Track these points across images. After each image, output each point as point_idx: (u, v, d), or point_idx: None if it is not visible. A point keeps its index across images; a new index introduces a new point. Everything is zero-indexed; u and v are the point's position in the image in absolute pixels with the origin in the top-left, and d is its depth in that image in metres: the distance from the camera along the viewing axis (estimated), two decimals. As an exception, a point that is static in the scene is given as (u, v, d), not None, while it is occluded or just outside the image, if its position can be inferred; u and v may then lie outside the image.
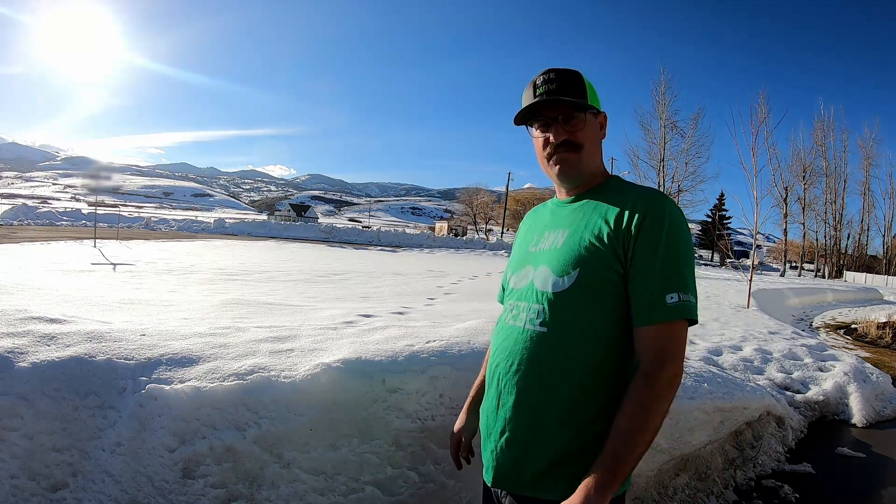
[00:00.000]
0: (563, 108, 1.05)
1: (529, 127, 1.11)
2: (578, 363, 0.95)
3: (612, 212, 0.99)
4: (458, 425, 1.30)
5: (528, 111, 1.06)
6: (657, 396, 0.88)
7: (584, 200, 1.07)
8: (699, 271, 24.19)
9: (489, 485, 1.07)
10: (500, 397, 1.04)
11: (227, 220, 30.71)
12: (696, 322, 0.93)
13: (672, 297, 0.91)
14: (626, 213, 0.97)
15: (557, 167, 1.07)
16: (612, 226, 0.97)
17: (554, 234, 1.07)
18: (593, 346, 0.95)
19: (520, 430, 0.99)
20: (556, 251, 1.02)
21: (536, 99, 1.05)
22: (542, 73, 1.06)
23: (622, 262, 0.95)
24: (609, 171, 1.15)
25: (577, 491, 0.86)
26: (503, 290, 1.22)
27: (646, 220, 0.95)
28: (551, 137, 1.06)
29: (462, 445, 1.31)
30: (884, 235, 40.97)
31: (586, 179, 1.09)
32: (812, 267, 42.04)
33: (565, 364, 0.96)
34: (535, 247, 1.10)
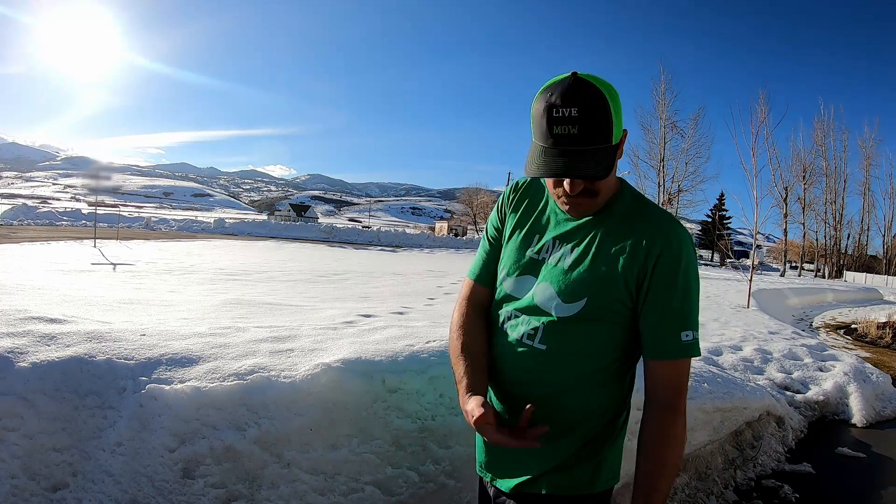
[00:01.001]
0: None
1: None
2: (572, 385, 0.97)
3: (628, 241, 0.94)
4: (479, 401, 0.95)
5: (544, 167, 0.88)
6: (681, 426, 0.94)
7: (597, 217, 0.98)
8: (699, 271, 24.16)
9: (483, 474, 1.10)
10: (499, 402, 1.06)
11: (227, 220, 30.71)
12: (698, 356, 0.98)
13: (687, 336, 0.93)
14: (643, 245, 0.93)
15: (569, 209, 0.98)
16: (626, 257, 0.93)
17: (560, 247, 1.00)
18: (589, 371, 0.97)
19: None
20: (563, 273, 0.96)
21: (552, 148, 0.86)
22: (563, 100, 0.84)
23: (632, 294, 0.94)
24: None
25: None
26: (480, 268, 1.12)
27: (663, 255, 0.92)
28: (566, 186, 0.92)
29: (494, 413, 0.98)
30: (884, 235, 40.99)
31: (594, 204, 0.98)
32: (812, 267, 42.04)
33: (560, 384, 0.97)
34: (536, 254, 1.02)
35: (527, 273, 1.01)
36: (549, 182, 0.99)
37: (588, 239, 0.97)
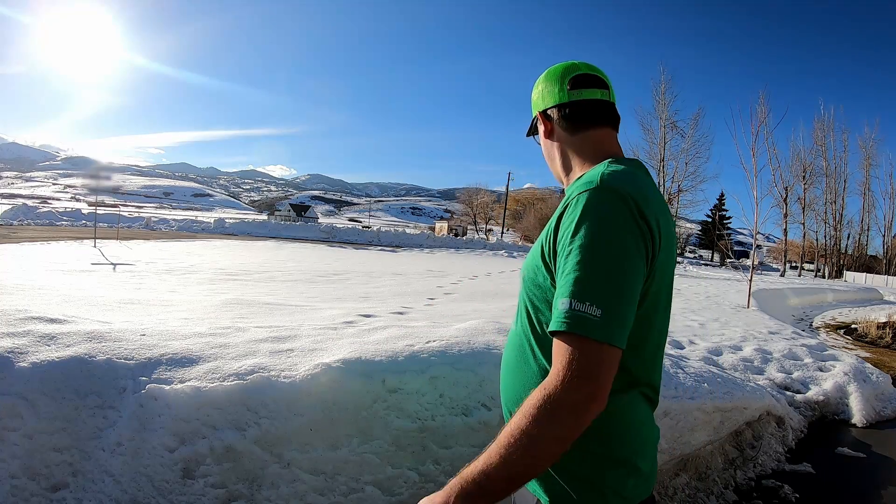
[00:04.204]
0: None
1: None
2: (532, 367, 0.90)
3: (558, 209, 0.89)
4: None
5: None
6: (551, 418, 0.71)
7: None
8: (699, 271, 24.16)
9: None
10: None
11: (227, 220, 30.69)
12: (607, 343, 0.72)
13: (564, 304, 0.74)
14: (559, 209, 0.86)
15: None
16: (550, 225, 0.88)
17: None
18: (537, 351, 0.89)
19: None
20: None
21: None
22: None
23: (549, 266, 0.85)
24: None
25: (443, 489, 0.76)
26: None
27: (563, 214, 0.82)
28: None
29: None
30: (884, 235, 40.97)
31: (564, 180, 1.03)
32: (812, 267, 42.04)
33: (522, 366, 0.93)
34: None
35: None
36: None
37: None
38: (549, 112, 1.01)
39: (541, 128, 1.04)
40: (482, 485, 0.72)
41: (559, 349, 0.75)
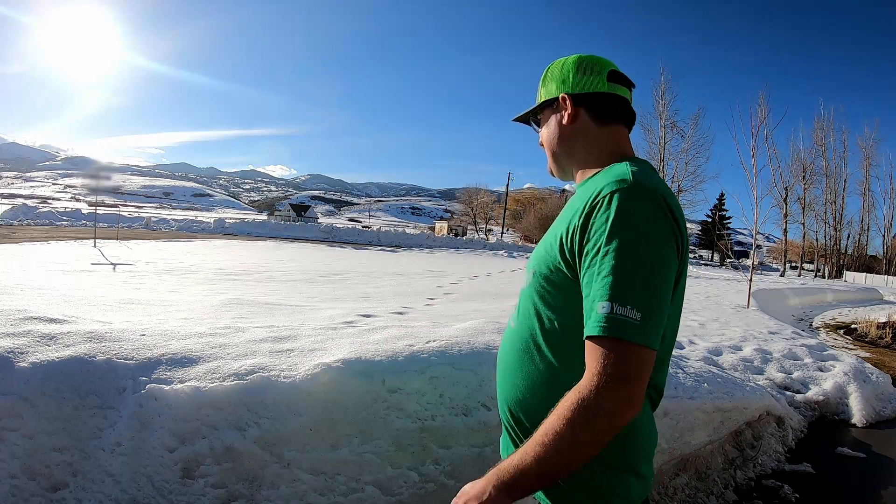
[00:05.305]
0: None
1: None
2: (538, 366, 0.89)
3: (577, 204, 0.86)
4: None
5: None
6: (587, 422, 0.71)
7: (578, 192, 0.96)
8: (699, 271, 24.14)
9: None
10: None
11: (227, 220, 30.67)
12: (645, 346, 0.72)
13: (604, 308, 0.73)
14: (583, 204, 0.83)
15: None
16: (570, 220, 0.85)
17: None
18: (545, 349, 0.88)
19: (504, 423, 0.98)
20: (536, 248, 0.98)
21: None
22: None
23: (569, 261, 0.84)
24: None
25: (484, 477, 0.80)
26: None
27: (593, 212, 0.80)
28: None
29: None
30: (884, 235, 40.96)
31: (576, 172, 1.00)
32: (812, 267, 42.05)
33: (526, 365, 0.91)
34: None
35: None
36: None
37: (564, 211, 0.95)
38: (579, 97, 0.96)
39: (561, 114, 0.98)
40: (516, 478, 0.76)
41: (595, 352, 0.74)
